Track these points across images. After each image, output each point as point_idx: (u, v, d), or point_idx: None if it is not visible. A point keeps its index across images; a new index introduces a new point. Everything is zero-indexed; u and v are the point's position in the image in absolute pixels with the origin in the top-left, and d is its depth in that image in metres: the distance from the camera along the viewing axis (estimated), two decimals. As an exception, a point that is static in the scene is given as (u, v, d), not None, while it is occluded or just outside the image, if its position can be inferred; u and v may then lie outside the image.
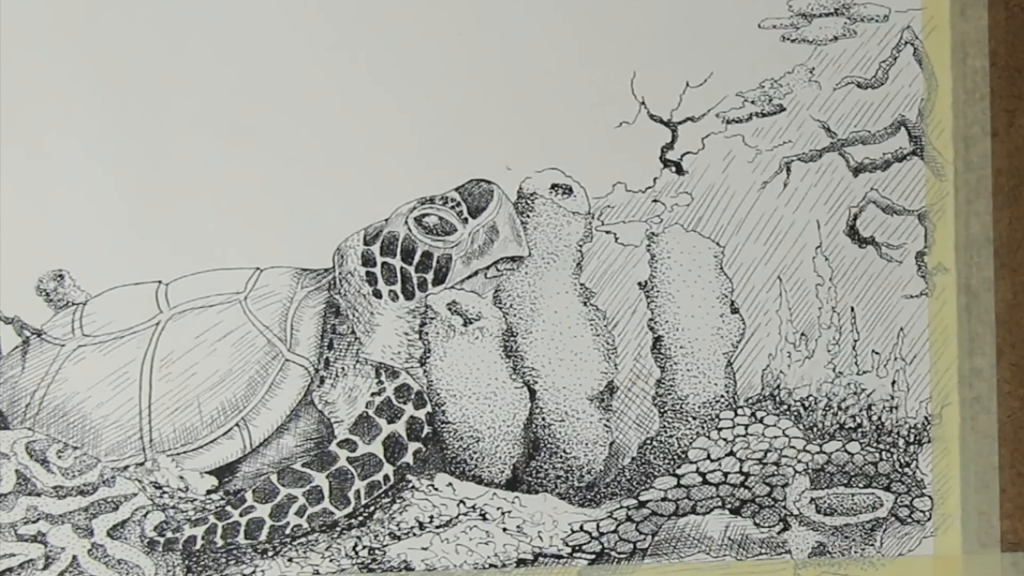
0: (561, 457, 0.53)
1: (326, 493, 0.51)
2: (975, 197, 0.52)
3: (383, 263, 0.52)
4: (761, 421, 0.53)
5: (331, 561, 0.51)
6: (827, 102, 0.52)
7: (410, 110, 0.52)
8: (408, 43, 0.51)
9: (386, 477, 0.52)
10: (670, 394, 0.53)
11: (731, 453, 0.53)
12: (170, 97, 0.51)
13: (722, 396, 0.53)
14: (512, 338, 0.52)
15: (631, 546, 0.52)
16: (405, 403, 0.52)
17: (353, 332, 0.53)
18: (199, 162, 0.51)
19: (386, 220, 0.52)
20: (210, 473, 0.52)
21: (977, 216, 0.52)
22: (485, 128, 0.52)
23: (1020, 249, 0.52)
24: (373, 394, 0.53)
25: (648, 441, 0.53)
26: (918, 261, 0.52)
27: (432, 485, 0.52)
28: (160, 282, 0.51)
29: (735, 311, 0.53)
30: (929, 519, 0.52)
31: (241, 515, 0.51)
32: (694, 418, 0.53)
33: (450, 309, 0.51)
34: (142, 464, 0.51)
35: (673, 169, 0.53)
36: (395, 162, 0.52)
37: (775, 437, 0.53)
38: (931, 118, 0.52)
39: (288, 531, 0.51)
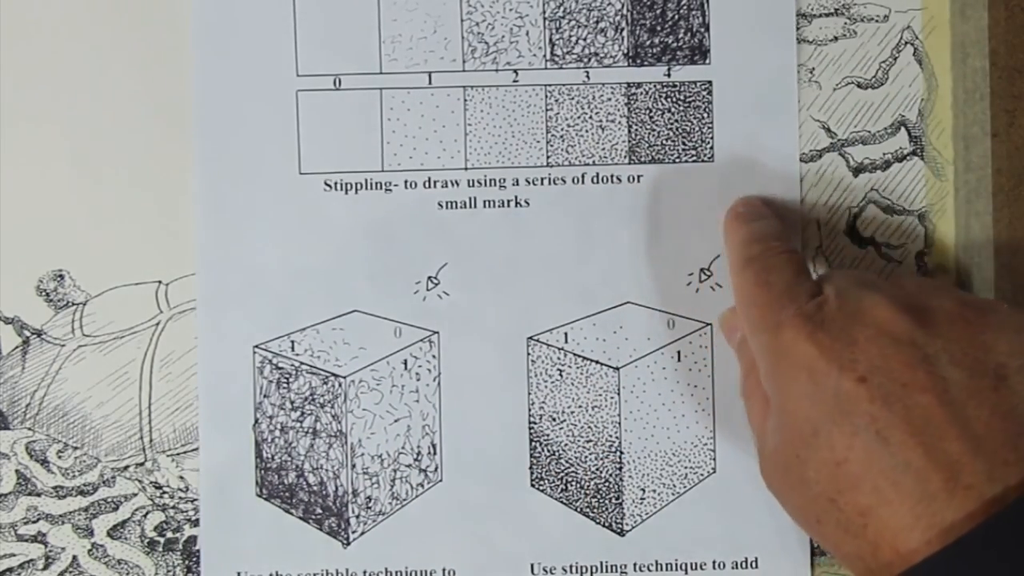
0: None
1: (326, 493, 0.51)
2: (975, 197, 0.52)
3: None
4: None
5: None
6: (827, 102, 0.52)
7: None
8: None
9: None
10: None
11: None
12: (168, 97, 0.51)
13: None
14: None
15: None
16: None
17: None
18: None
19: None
20: (210, 473, 0.52)
21: (977, 216, 0.52)
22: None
23: (1020, 249, 0.52)
24: None
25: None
26: (918, 261, 0.52)
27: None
28: (160, 282, 0.51)
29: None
30: (929, 519, 0.52)
31: (241, 515, 0.51)
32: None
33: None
34: (142, 464, 0.51)
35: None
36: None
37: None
38: (931, 118, 0.52)
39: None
